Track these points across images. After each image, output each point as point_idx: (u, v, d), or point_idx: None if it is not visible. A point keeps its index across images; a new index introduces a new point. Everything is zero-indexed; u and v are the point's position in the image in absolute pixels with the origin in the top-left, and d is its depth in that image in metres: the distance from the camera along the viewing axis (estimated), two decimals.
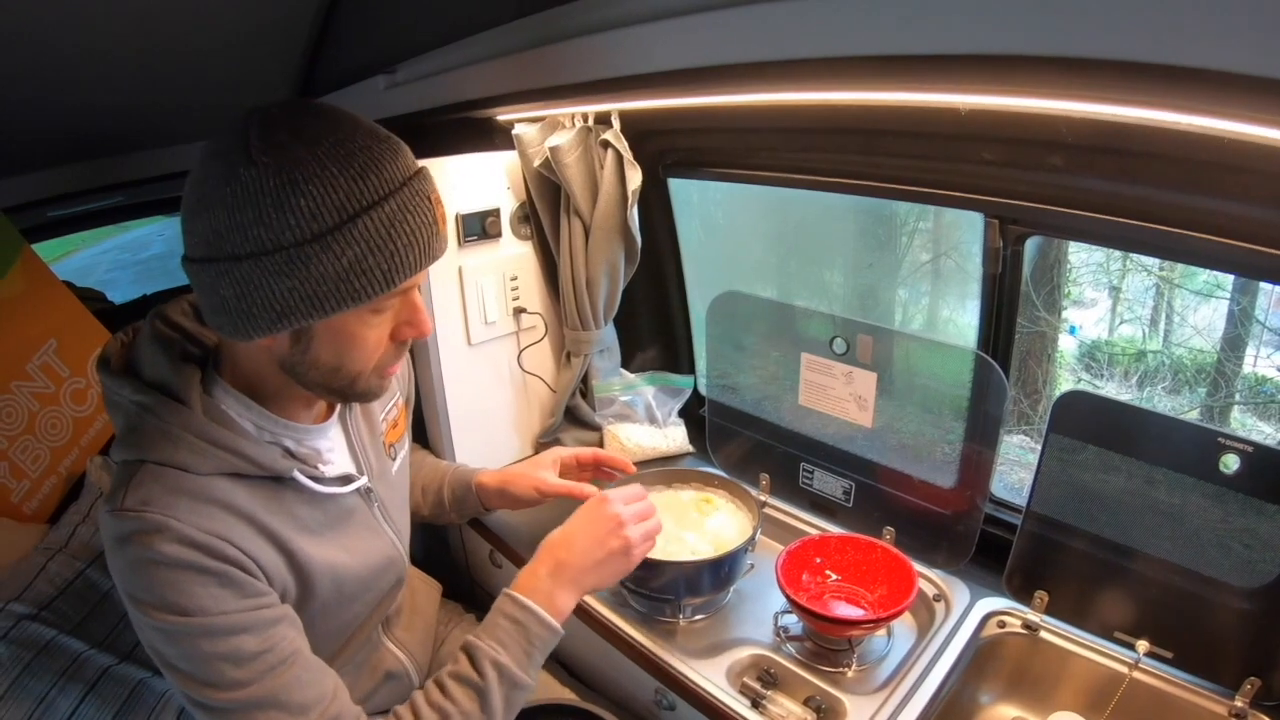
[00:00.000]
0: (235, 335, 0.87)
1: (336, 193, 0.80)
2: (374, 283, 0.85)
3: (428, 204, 0.88)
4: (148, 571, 0.85)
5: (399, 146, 0.88)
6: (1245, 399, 2.95)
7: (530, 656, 1.06)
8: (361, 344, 0.93)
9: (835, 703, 1.15)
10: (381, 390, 1.01)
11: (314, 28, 1.59)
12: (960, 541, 1.34)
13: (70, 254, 7.41)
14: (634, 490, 1.22)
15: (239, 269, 0.81)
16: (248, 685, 0.89)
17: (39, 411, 1.90)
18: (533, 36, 1.10)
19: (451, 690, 1.01)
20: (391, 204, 0.84)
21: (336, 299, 0.84)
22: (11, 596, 1.56)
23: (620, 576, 1.17)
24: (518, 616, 1.07)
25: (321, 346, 0.91)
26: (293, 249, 0.80)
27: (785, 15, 0.76)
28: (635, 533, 1.15)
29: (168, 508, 0.86)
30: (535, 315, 1.78)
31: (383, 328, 0.94)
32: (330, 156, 0.81)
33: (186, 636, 0.86)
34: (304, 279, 0.82)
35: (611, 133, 1.54)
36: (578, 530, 1.16)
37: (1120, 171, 1.05)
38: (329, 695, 0.96)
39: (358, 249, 0.82)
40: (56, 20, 1.23)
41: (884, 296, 2.98)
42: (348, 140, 0.82)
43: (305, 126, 0.82)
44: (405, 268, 0.86)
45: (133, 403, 0.91)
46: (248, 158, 0.79)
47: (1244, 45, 0.49)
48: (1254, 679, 1.05)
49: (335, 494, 1.05)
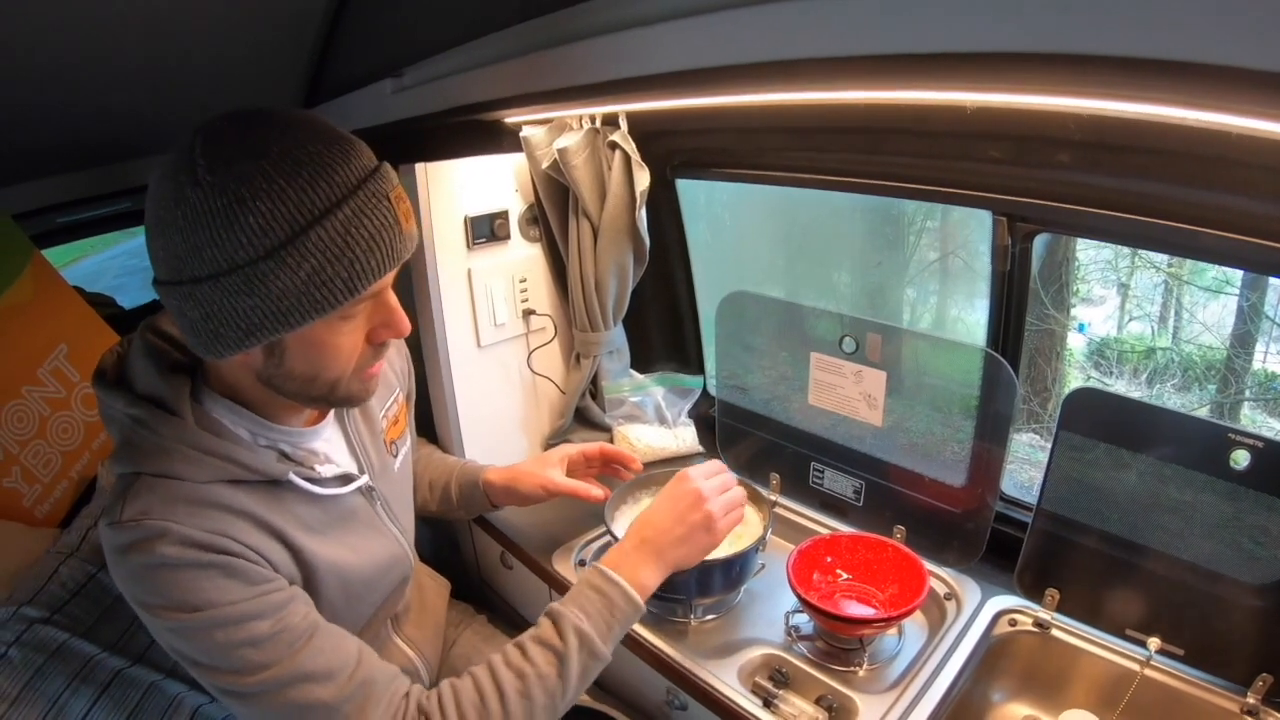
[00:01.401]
0: (209, 354, 0.87)
1: (286, 205, 0.78)
2: (336, 293, 0.83)
3: (386, 204, 0.85)
4: (153, 576, 0.86)
5: (351, 147, 0.85)
6: (1255, 395, 2.93)
7: (611, 629, 1.06)
8: (335, 351, 0.92)
9: (847, 702, 1.15)
10: (366, 394, 1.00)
11: (321, 32, 1.60)
12: (971, 540, 1.34)
13: (79, 259, 7.44)
14: (713, 465, 1.23)
15: (200, 290, 0.81)
16: (271, 666, 0.89)
17: (50, 416, 1.91)
18: (539, 39, 1.10)
19: (532, 653, 1.02)
20: (345, 210, 0.81)
21: (300, 312, 0.82)
22: (24, 600, 1.56)
23: (707, 551, 1.17)
24: (603, 588, 1.08)
25: (295, 358, 0.90)
26: (248, 267, 0.79)
27: (791, 15, 0.76)
28: (716, 505, 1.16)
29: (167, 514, 0.87)
30: (544, 317, 1.78)
31: (355, 334, 0.93)
32: (276, 168, 0.78)
33: (201, 631, 0.87)
34: (265, 296, 0.80)
35: (619, 134, 1.54)
36: (660, 508, 1.18)
37: (1128, 168, 1.05)
38: (354, 659, 0.96)
39: (315, 260, 0.80)
40: (64, 28, 1.23)
41: (892, 296, 2.98)
42: (295, 148, 0.80)
43: (249, 138, 0.80)
44: (368, 273, 0.84)
45: (126, 415, 0.92)
46: (194, 178, 0.78)
47: (1250, 40, 0.49)
48: (1266, 675, 1.04)
49: (335, 494, 1.06)
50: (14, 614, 1.52)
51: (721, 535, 1.17)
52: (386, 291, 0.93)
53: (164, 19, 1.30)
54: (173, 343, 0.98)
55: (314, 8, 1.49)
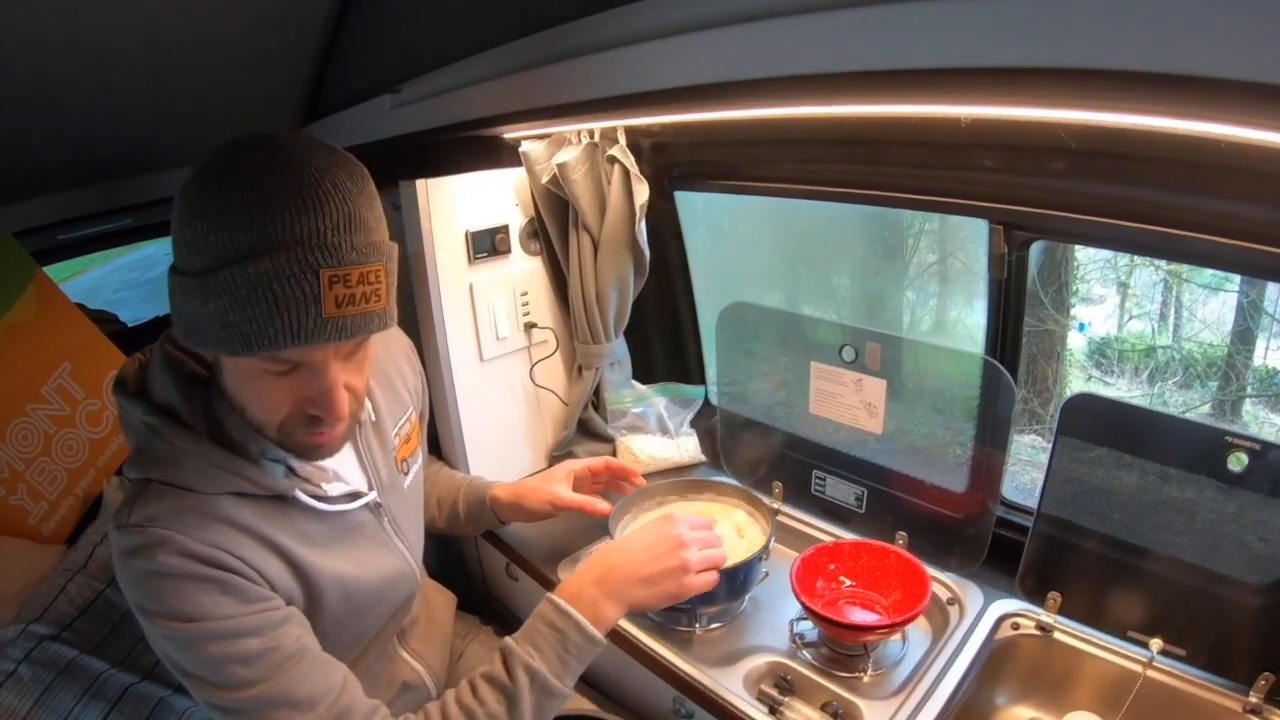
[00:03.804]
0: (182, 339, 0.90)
1: (216, 237, 0.78)
2: (236, 339, 0.81)
3: (310, 278, 0.79)
4: (152, 582, 0.88)
5: (318, 205, 0.80)
6: (1257, 392, 2.93)
7: (566, 665, 1.05)
8: (258, 394, 0.90)
9: (852, 708, 1.15)
10: (312, 452, 0.96)
11: (319, 48, 1.61)
12: (973, 545, 1.34)
13: (79, 274, 7.42)
14: (703, 519, 1.23)
15: (170, 278, 0.86)
16: (257, 684, 0.90)
17: (55, 434, 1.92)
18: (538, 54, 1.11)
19: (481, 691, 1.02)
20: (260, 265, 0.78)
21: (214, 341, 0.83)
22: (32, 617, 1.57)
23: (672, 600, 1.15)
24: (557, 623, 1.07)
25: (228, 377, 0.92)
26: (187, 276, 0.82)
27: (789, 31, 0.77)
28: (694, 556, 1.15)
29: (171, 524, 0.88)
30: (546, 330, 1.79)
31: (281, 391, 0.89)
32: (234, 200, 0.78)
33: (194, 641, 0.89)
34: (194, 307, 0.83)
35: (618, 148, 1.56)
36: (635, 540, 1.17)
37: (1122, 175, 1.06)
38: (337, 688, 0.97)
39: (221, 301, 0.79)
40: (66, 47, 1.24)
41: (891, 300, 2.98)
42: (265, 188, 0.78)
43: (243, 162, 0.80)
44: (264, 337, 0.80)
45: (143, 424, 0.94)
46: (186, 180, 0.83)
47: (1239, 52, 0.50)
48: (1268, 675, 1.05)
49: (340, 510, 1.07)
50: (22, 631, 1.53)
51: (691, 590, 1.15)
52: (325, 368, 0.88)
53: (164, 36, 1.31)
54: (189, 353, 1.00)
55: (312, 24, 1.50)
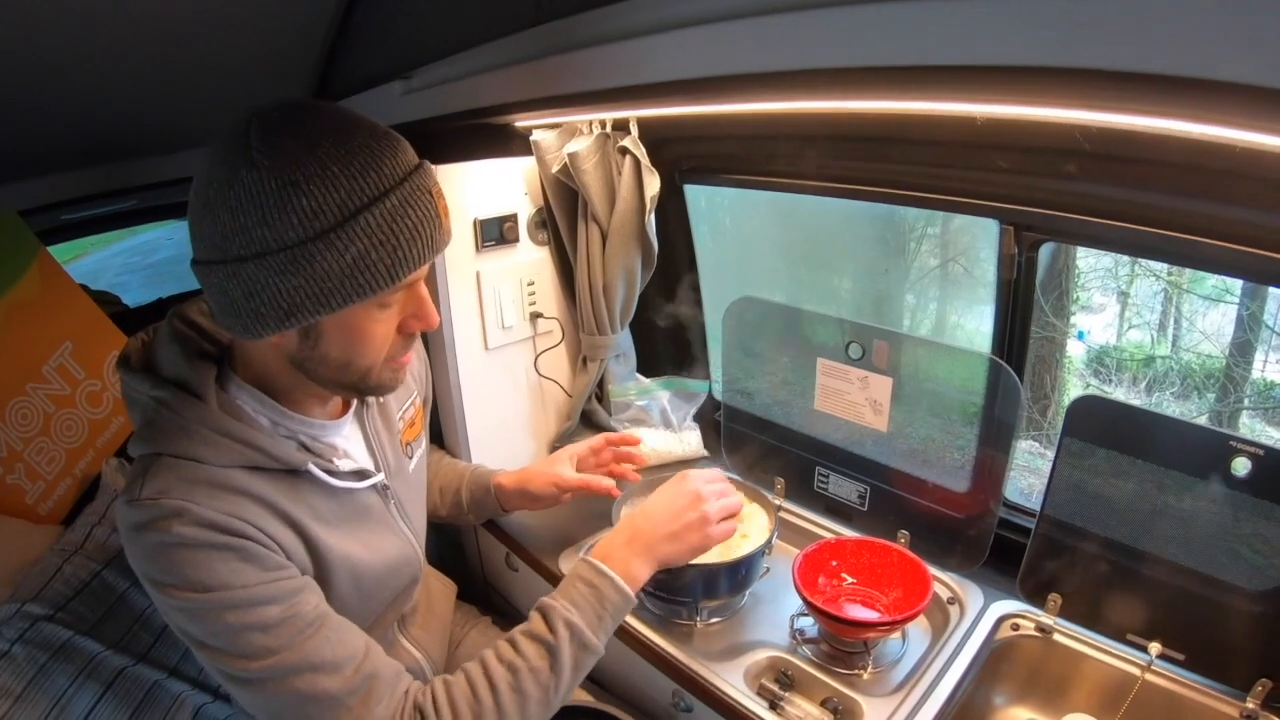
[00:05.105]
0: (245, 334, 0.89)
1: (338, 191, 0.82)
2: (378, 277, 0.86)
3: (429, 197, 0.89)
4: (167, 554, 0.87)
5: (397, 143, 0.89)
6: (1255, 404, 2.94)
7: (602, 621, 1.07)
8: (369, 339, 0.94)
9: (852, 704, 1.16)
10: (396, 383, 1.03)
11: (331, 33, 1.60)
12: (974, 545, 1.35)
13: (80, 257, 7.41)
14: (714, 472, 1.24)
15: (245, 269, 0.84)
16: (278, 652, 0.90)
17: (54, 414, 1.92)
18: (551, 44, 1.11)
19: (523, 646, 1.03)
20: (393, 199, 0.85)
21: (342, 295, 0.86)
22: (28, 597, 1.57)
23: (697, 552, 1.18)
24: (593, 580, 1.09)
25: (330, 343, 0.93)
26: (297, 248, 0.82)
27: (802, 26, 0.77)
28: (713, 508, 1.18)
29: (185, 495, 0.88)
30: (552, 320, 1.79)
31: (389, 322, 0.96)
32: (330, 156, 0.82)
33: (211, 612, 0.88)
34: (309, 276, 0.83)
35: (629, 139, 1.55)
36: (656, 501, 1.19)
37: (1133, 178, 1.06)
38: (361, 652, 0.97)
39: (361, 245, 0.84)
40: (74, 28, 1.24)
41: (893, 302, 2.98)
42: (347, 139, 0.84)
43: (304, 126, 0.83)
44: (409, 261, 0.88)
45: (150, 398, 0.93)
46: (249, 160, 0.81)
47: (1252, 57, 0.51)
48: (1265, 680, 1.05)
49: (352, 488, 1.07)
50: (17, 611, 1.53)
51: (714, 539, 1.19)
52: (420, 284, 0.97)
53: (174, 18, 1.31)
54: (200, 331, 1.00)
55: (324, 8, 1.49)
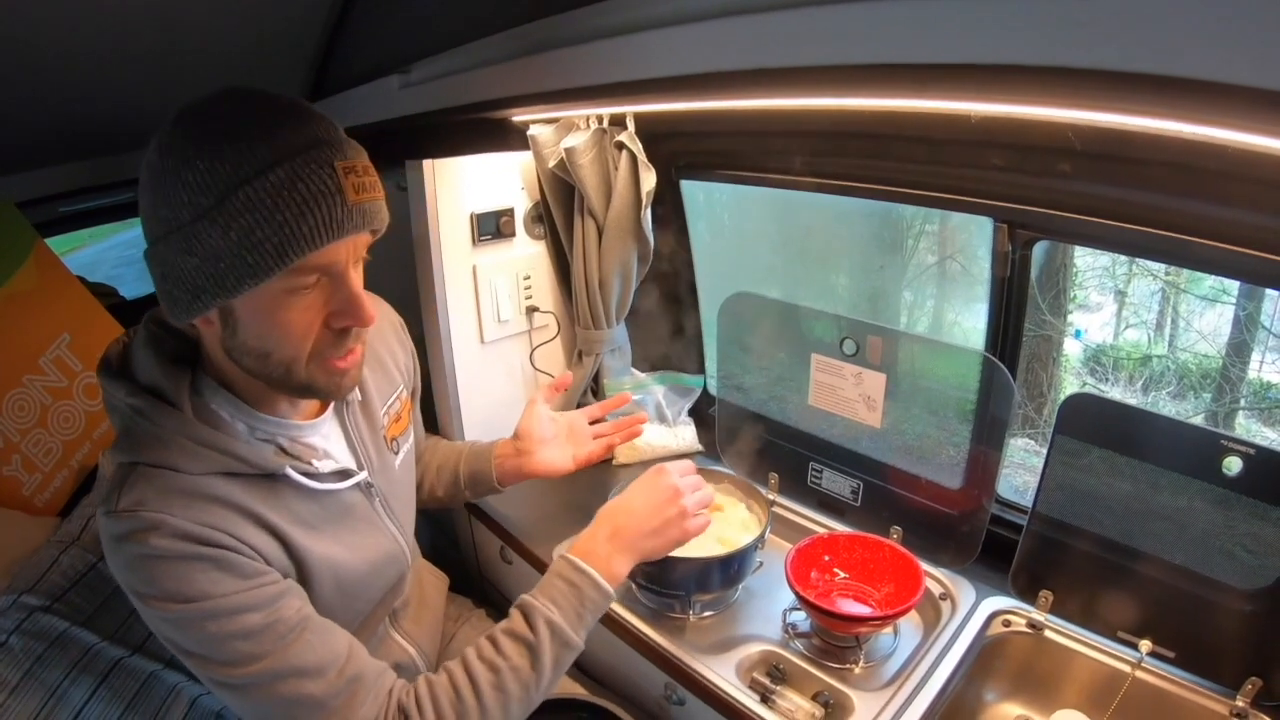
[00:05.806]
0: (172, 317, 0.88)
1: (224, 164, 0.78)
2: (266, 257, 0.80)
3: (329, 171, 0.82)
4: (146, 566, 0.87)
5: (307, 118, 0.83)
6: (1250, 404, 2.94)
7: (582, 618, 1.08)
8: (284, 328, 0.89)
9: (843, 698, 1.16)
10: (333, 388, 0.97)
11: (328, 26, 1.60)
12: (967, 541, 1.35)
13: (76, 249, 7.40)
14: (687, 464, 1.24)
15: (157, 251, 0.84)
16: (262, 658, 0.90)
17: (51, 405, 1.92)
18: (549, 38, 1.11)
19: (504, 646, 1.03)
20: (277, 173, 0.79)
21: (235, 275, 0.81)
22: (25, 588, 1.57)
23: (675, 545, 1.18)
24: (573, 579, 1.09)
25: (246, 329, 0.89)
26: (189, 226, 0.80)
27: (799, 23, 0.77)
28: (690, 501, 1.18)
29: (161, 506, 0.87)
30: (548, 314, 1.80)
31: (307, 312, 0.89)
32: (223, 131, 0.79)
33: (193, 622, 0.88)
34: (204, 256, 0.80)
35: (626, 134, 1.55)
36: (635, 497, 1.19)
37: (1128, 178, 1.06)
38: (344, 654, 0.97)
39: (245, 221, 0.79)
40: (70, 18, 1.23)
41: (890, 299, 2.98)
42: (246, 113, 0.81)
43: (216, 108, 0.82)
44: (300, 239, 0.81)
45: (127, 405, 0.92)
46: (158, 144, 0.81)
47: (1246, 59, 0.51)
48: (1255, 679, 1.06)
49: (332, 489, 1.06)
50: (14, 602, 1.53)
51: (691, 533, 1.19)
52: (347, 273, 0.90)
53: (171, 10, 1.30)
54: (173, 332, 0.99)
55: (321, 2, 1.49)
